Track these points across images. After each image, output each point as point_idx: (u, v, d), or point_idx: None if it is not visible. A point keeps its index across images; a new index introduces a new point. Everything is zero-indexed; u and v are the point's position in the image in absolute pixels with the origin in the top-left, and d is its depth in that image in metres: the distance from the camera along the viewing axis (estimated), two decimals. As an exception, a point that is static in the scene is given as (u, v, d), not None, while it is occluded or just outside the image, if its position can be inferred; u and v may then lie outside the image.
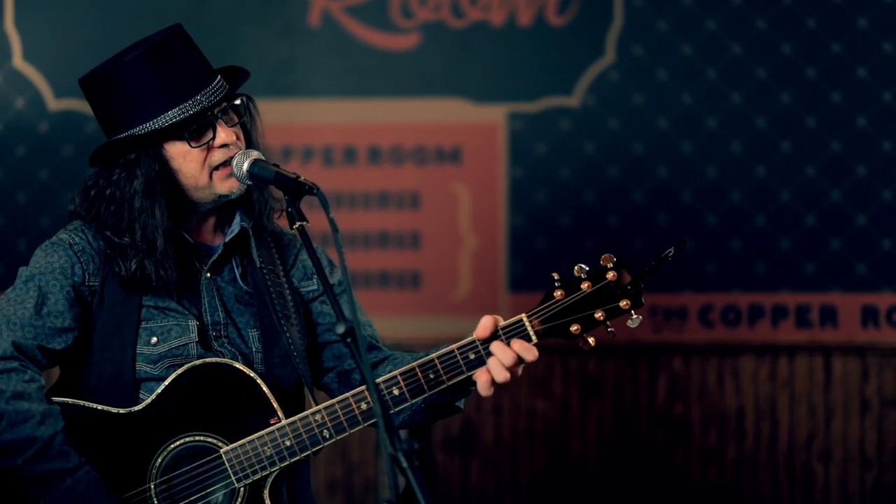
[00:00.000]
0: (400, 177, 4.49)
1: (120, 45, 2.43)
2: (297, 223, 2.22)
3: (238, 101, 2.46)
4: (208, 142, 2.39)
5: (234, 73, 2.51)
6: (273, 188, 2.43)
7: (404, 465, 1.92)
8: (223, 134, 2.39)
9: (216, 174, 2.40)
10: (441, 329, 4.40)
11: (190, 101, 2.36)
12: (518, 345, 2.27)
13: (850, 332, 4.38)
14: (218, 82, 2.43)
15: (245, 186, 2.41)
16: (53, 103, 4.48)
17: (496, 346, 2.28)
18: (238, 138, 2.43)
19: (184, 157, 2.39)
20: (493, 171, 4.47)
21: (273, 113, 4.46)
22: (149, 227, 2.37)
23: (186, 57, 2.41)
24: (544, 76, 4.43)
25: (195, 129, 2.39)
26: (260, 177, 2.34)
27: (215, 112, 2.40)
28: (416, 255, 4.49)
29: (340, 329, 1.99)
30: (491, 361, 2.28)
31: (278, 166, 2.33)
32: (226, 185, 2.40)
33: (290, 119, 4.48)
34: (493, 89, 4.44)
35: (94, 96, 2.44)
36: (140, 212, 2.38)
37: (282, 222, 2.48)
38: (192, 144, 2.38)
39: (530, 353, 2.27)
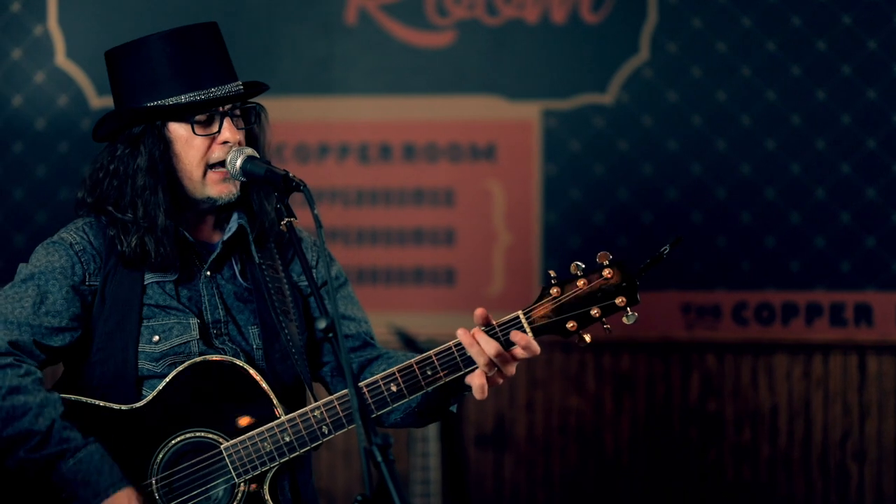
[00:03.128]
0: (434, 174, 4.51)
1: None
2: (286, 219, 2.27)
3: (250, 107, 2.50)
4: (213, 134, 2.43)
5: (253, 84, 2.55)
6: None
7: (378, 459, 1.94)
8: (228, 131, 2.42)
9: (210, 173, 2.43)
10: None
11: (203, 91, 2.40)
12: (516, 336, 2.30)
13: (885, 330, 4.34)
14: (235, 84, 2.47)
15: (237, 191, 2.45)
16: (95, 100, 4.56)
17: (481, 337, 2.31)
18: (241, 143, 2.46)
19: (186, 143, 2.43)
20: (528, 169, 4.48)
21: (310, 110, 4.52)
22: (150, 203, 2.41)
23: (211, 51, 2.45)
24: (578, 73, 4.44)
25: (203, 120, 2.43)
26: (252, 173, 2.38)
27: (225, 109, 2.44)
28: (451, 252, 4.51)
29: (321, 324, 2.02)
30: (474, 350, 2.31)
31: (269, 163, 2.38)
32: (216, 189, 2.44)
33: (326, 116, 4.53)
34: (528, 87, 4.45)
35: (114, 69, 2.48)
36: (143, 189, 2.41)
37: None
38: (197, 132, 2.41)
39: (524, 341, 2.29)
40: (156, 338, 2.42)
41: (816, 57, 4.35)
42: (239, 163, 2.40)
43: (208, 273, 2.49)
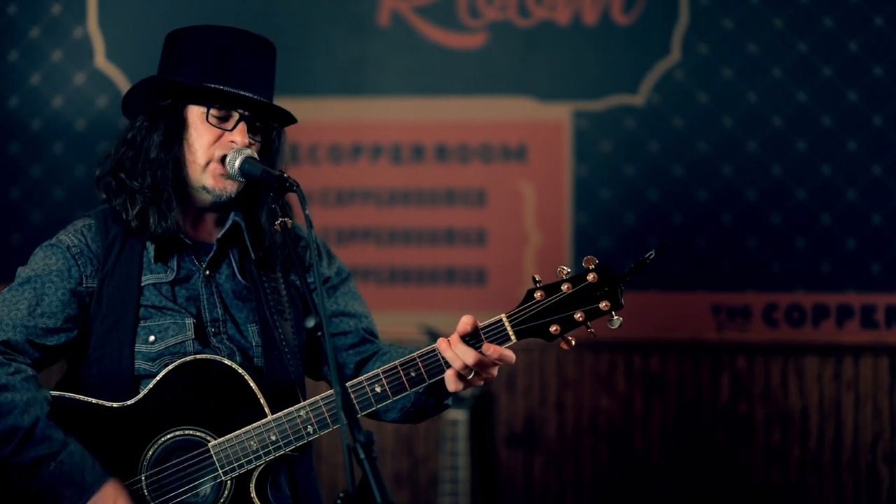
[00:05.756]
0: (466, 174, 4.54)
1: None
2: (280, 219, 2.30)
3: (273, 126, 2.53)
4: (224, 129, 2.47)
5: (283, 110, 2.57)
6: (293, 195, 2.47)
7: (361, 456, 1.96)
8: (239, 134, 2.47)
9: (212, 164, 2.47)
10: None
11: (233, 88, 2.44)
12: (488, 349, 2.31)
13: (916, 333, 4.33)
14: (266, 99, 2.50)
15: (234, 191, 2.48)
16: (134, 101, 4.63)
17: (459, 345, 2.32)
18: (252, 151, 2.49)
19: (198, 130, 2.47)
20: (558, 169, 4.50)
21: (343, 111, 4.56)
22: (159, 176, 2.46)
23: (257, 62, 2.50)
24: (609, 75, 4.45)
25: (220, 115, 2.47)
26: (249, 173, 2.42)
27: (246, 114, 2.47)
28: (482, 252, 4.53)
29: (310, 323, 2.05)
30: (448, 354, 2.32)
31: (266, 166, 2.41)
32: (212, 181, 2.47)
33: (359, 117, 4.57)
34: (559, 88, 4.47)
35: (167, 47, 2.54)
36: (154, 161, 2.46)
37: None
38: (210, 120, 2.46)
39: (496, 353, 2.30)
40: (152, 338, 2.46)
41: (848, 58, 4.34)
42: (237, 163, 2.44)
43: (207, 272, 2.53)
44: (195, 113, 2.48)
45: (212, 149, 2.47)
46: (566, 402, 4.48)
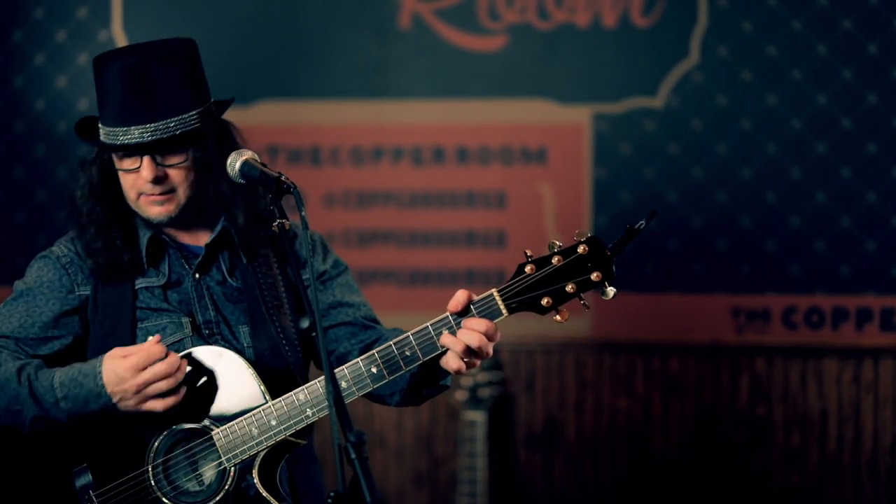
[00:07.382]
0: (486, 176, 4.56)
1: (220, 48, 2.48)
2: (277, 220, 2.30)
3: (203, 135, 2.51)
4: (134, 170, 2.47)
5: (221, 106, 2.56)
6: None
7: (352, 456, 1.97)
8: (146, 171, 2.45)
9: (143, 197, 2.49)
10: (526, 327, 4.42)
11: (123, 129, 2.44)
12: (476, 323, 2.30)
13: (936, 335, 4.31)
14: (155, 127, 2.46)
15: (174, 210, 2.50)
16: (157, 104, 4.67)
17: (463, 331, 2.30)
18: (168, 178, 2.48)
19: (119, 173, 2.51)
20: (578, 172, 4.51)
21: (364, 113, 4.60)
22: (101, 226, 2.51)
23: (157, 84, 2.46)
24: (629, 77, 4.46)
25: (125, 155, 2.47)
26: (248, 175, 2.41)
27: (147, 145, 2.45)
28: (502, 254, 4.55)
29: (305, 324, 2.07)
30: (443, 338, 2.31)
31: (265, 166, 2.41)
32: (150, 211, 2.50)
33: (380, 119, 4.59)
34: (578, 90, 4.48)
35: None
36: (89, 215, 2.52)
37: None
38: (118, 166, 2.48)
39: (482, 326, 2.29)
40: (151, 339, 2.49)
41: (867, 60, 4.33)
42: (238, 165, 2.44)
43: (197, 276, 2.56)
44: (113, 158, 2.51)
45: (135, 186, 2.48)
46: (585, 404, 4.50)
